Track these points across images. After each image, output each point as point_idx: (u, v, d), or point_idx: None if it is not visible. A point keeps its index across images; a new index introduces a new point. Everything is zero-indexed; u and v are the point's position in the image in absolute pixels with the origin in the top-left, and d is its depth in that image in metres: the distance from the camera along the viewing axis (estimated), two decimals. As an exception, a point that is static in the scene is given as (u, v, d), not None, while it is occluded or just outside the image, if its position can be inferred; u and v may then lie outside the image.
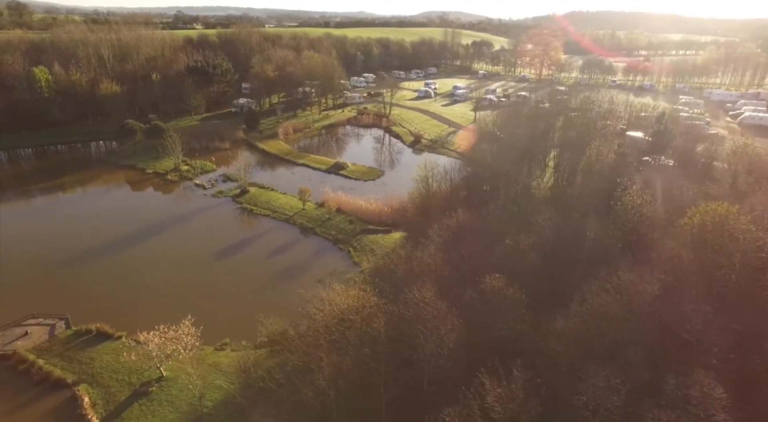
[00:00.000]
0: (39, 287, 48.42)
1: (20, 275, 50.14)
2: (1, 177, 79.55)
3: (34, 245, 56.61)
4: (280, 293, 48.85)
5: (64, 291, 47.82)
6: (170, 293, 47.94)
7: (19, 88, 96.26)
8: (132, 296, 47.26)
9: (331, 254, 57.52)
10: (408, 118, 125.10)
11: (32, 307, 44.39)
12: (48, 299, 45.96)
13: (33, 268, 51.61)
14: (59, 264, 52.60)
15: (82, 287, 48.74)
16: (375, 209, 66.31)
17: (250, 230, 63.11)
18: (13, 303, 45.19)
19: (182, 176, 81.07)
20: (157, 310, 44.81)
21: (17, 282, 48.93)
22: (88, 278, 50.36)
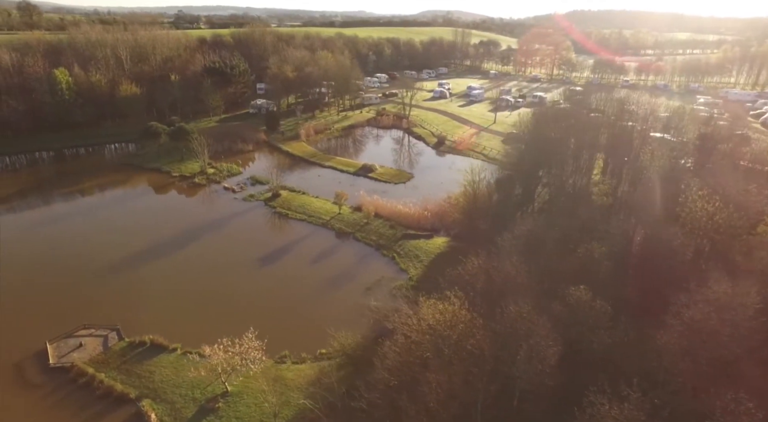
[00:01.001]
0: (83, 296, 47.17)
1: (63, 284, 48.90)
2: (27, 181, 78.11)
3: (70, 252, 55.35)
4: (331, 301, 47.73)
5: (108, 300, 46.55)
6: (217, 302, 46.69)
7: (40, 90, 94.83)
8: (179, 306, 46.08)
9: (375, 260, 56.33)
10: (427, 119, 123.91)
11: (79, 317, 43.23)
12: (94, 309, 44.80)
13: (74, 276, 50.35)
14: (100, 272, 51.29)
15: (126, 296, 47.47)
16: (413, 213, 65.19)
17: (287, 235, 61.86)
18: (61, 313, 44.05)
19: (209, 179, 79.83)
20: (207, 320, 43.85)
21: (61, 291, 47.71)
22: (131, 286, 49.08)
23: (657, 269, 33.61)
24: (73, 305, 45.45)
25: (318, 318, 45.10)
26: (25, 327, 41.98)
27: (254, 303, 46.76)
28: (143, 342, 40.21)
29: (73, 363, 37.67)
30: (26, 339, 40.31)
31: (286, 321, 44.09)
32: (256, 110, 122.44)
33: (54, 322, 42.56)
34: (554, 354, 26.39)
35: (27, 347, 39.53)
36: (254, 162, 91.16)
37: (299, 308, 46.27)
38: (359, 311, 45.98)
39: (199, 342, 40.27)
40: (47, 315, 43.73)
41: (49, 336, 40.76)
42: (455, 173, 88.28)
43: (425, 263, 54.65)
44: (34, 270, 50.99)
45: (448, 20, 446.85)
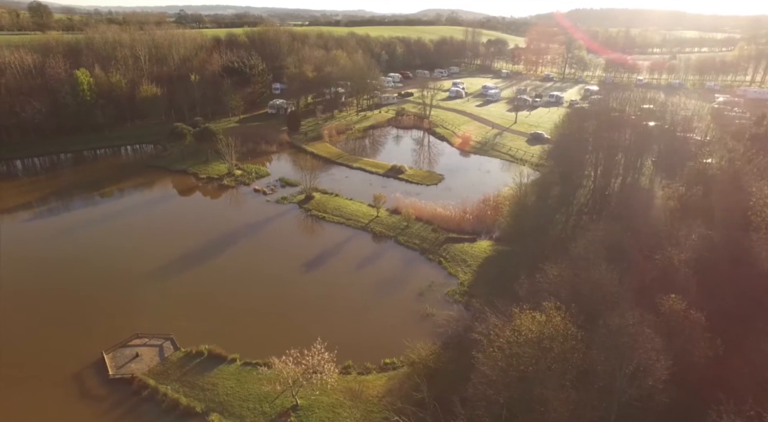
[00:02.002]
0: (129, 303, 45.85)
1: (107, 291, 47.59)
2: (54, 184, 76.59)
3: (109, 258, 53.91)
4: (384, 307, 46.49)
5: (156, 308, 45.25)
6: (267, 310, 45.49)
7: (62, 91, 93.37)
8: (228, 313, 44.75)
9: (421, 264, 55.05)
10: (447, 119, 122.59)
11: (129, 325, 41.96)
12: (142, 317, 43.58)
13: (117, 283, 49.02)
14: (142, 279, 49.95)
15: (173, 303, 46.15)
16: (453, 215, 63.98)
17: (327, 238, 60.50)
18: (110, 322, 42.79)
19: (238, 180, 78.49)
20: (259, 328, 42.70)
21: (107, 299, 46.41)
22: (176, 293, 47.78)
23: (746, 276, 32.36)
24: (122, 313, 44.16)
25: (374, 325, 43.97)
26: (78, 336, 40.72)
27: (306, 310, 45.48)
28: (200, 353, 38.90)
29: (134, 374, 36.38)
30: (81, 348, 39.04)
31: (342, 329, 42.71)
32: (274, 111, 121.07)
33: (105, 331, 41.27)
34: (664, 369, 25.14)
35: (83, 357, 38.26)
36: (280, 163, 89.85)
37: (353, 315, 45.03)
38: (415, 318, 44.96)
39: (256, 351, 39.22)
40: (97, 324, 42.46)
41: (102, 345, 39.47)
42: (485, 175, 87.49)
43: (473, 268, 53.39)
44: (76, 277, 49.65)
45: (453, 19, 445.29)
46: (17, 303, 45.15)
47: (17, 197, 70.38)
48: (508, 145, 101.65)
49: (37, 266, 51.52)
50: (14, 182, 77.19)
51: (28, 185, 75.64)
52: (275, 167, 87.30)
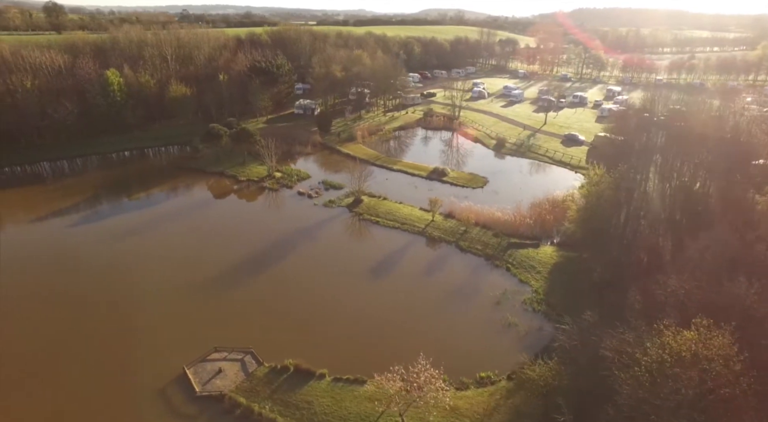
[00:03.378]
0: (199, 313, 43.84)
1: (173, 301, 45.60)
2: (91, 187, 74.30)
3: (166, 266, 51.94)
4: (463, 316, 44.62)
5: (226, 318, 43.27)
6: (341, 320, 43.53)
7: (92, 92, 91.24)
8: (302, 324, 42.83)
9: (489, 271, 53.13)
10: (475, 120, 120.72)
11: (202, 337, 40.03)
12: (215, 328, 41.66)
13: (181, 292, 47.02)
14: (205, 288, 47.97)
15: (243, 314, 44.20)
16: (511, 220, 62.10)
17: (386, 244, 58.45)
18: (184, 333, 40.88)
19: (279, 183, 76.45)
20: (338, 340, 40.87)
21: (175, 309, 44.41)
22: (244, 303, 45.80)
23: None
24: (193, 324, 42.22)
25: (457, 335, 42.04)
26: (154, 350, 38.73)
27: (382, 320, 43.55)
28: (285, 368, 36.91)
29: (222, 391, 34.37)
30: (160, 362, 37.10)
31: (425, 340, 40.71)
32: (301, 111, 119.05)
33: (180, 344, 39.34)
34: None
35: (164, 372, 36.32)
36: (317, 165, 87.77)
37: (433, 325, 43.10)
38: (498, 328, 43.17)
39: (342, 365, 37.43)
40: (171, 337, 40.48)
41: (181, 359, 37.52)
42: (527, 177, 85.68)
43: (543, 275, 51.52)
44: (139, 287, 47.54)
45: (459, 19, 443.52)
46: (86, 314, 43.16)
47: (58, 201, 68.23)
48: (543, 146, 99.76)
49: (95, 276, 49.45)
50: (51, 185, 75.01)
51: (66, 188, 73.42)
52: (313, 168, 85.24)
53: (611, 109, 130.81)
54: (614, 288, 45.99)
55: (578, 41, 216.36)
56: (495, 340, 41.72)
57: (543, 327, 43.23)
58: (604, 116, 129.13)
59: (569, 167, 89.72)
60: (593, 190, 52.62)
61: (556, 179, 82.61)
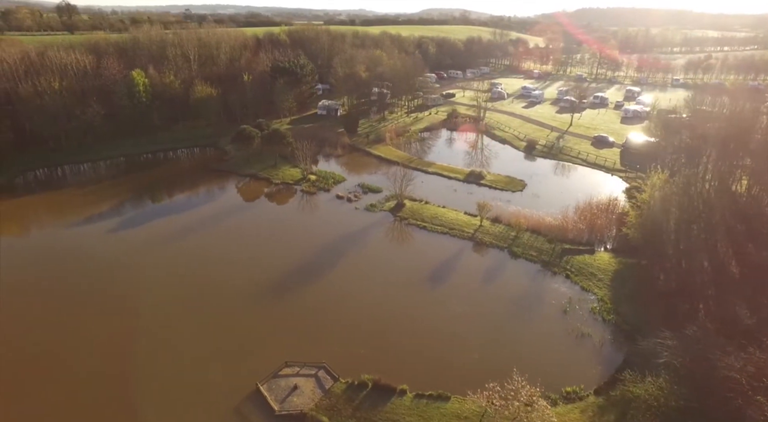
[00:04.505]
0: (262, 325, 42.26)
1: (231, 312, 43.95)
2: (122, 190, 72.64)
3: (215, 273, 50.30)
4: (532, 326, 43.06)
5: (291, 330, 41.66)
6: (407, 330, 41.84)
7: (118, 93, 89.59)
8: (368, 335, 41.23)
9: (548, 278, 51.49)
10: (500, 121, 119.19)
11: (269, 350, 38.45)
12: (280, 341, 40.09)
13: (238, 303, 45.40)
14: (262, 297, 46.42)
15: (307, 324, 42.52)
16: (562, 225, 60.43)
17: (437, 250, 56.76)
18: (248, 346, 39.28)
19: (316, 186, 74.79)
20: (409, 352, 39.29)
21: (236, 321, 42.76)
22: (304, 312, 44.17)
23: None
24: (257, 336, 40.64)
25: (530, 346, 40.53)
26: (222, 365, 37.06)
27: (449, 331, 41.91)
28: (363, 383, 35.27)
29: (302, 410, 32.77)
30: (230, 378, 35.50)
31: (498, 352, 39.28)
32: (324, 111, 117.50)
33: (248, 357, 37.81)
34: None
35: (236, 388, 34.71)
36: (350, 167, 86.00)
37: (503, 336, 41.55)
38: (571, 339, 41.67)
39: (419, 380, 35.80)
40: (237, 349, 38.87)
41: (250, 373, 35.91)
42: (565, 179, 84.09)
43: (606, 283, 49.91)
44: (194, 298, 45.89)
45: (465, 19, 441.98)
46: (144, 326, 41.50)
47: (93, 205, 66.66)
48: (574, 148, 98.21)
49: (147, 287, 47.73)
50: (84, 188, 73.19)
51: (99, 192, 71.77)
52: (346, 171, 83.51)
53: (636, 110, 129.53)
54: (683, 298, 44.57)
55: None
56: (571, 352, 40.14)
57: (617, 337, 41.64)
58: (628, 117, 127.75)
59: (604, 169, 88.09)
60: (657, 195, 50.96)
61: (595, 182, 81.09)
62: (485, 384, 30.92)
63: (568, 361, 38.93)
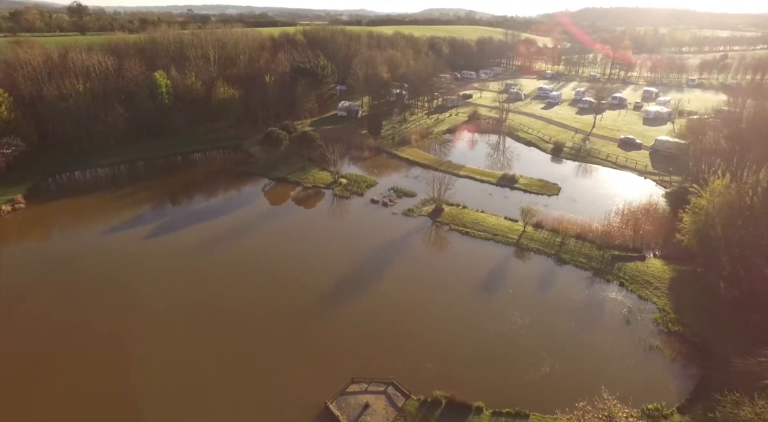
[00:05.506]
0: (318, 339, 40.70)
1: (287, 325, 42.48)
2: (150, 195, 71.25)
3: (263, 283, 48.83)
4: (598, 337, 41.50)
5: (350, 344, 40.12)
6: (472, 343, 40.28)
7: (141, 94, 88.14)
8: (430, 348, 39.63)
9: (602, 286, 50.01)
10: (522, 122, 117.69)
11: (331, 365, 37.02)
12: (342, 355, 38.54)
13: (291, 314, 43.91)
14: (315, 308, 44.89)
15: (366, 338, 41.05)
16: (608, 230, 58.92)
17: (483, 257, 55.26)
18: (309, 362, 37.76)
19: (348, 190, 73.30)
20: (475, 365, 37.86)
21: (291, 334, 41.30)
22: (360, 325, 42.69)
23: None
24: (315, 350, 39.12)
25: (597, 359, 39.07)
26: (286, 381, 35.63)
27: (513, 343, 40.47)
28: (437, 401, 33.81)
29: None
30: (295, 395, 34.09)
31: (571, 366, 37.79)
32: (344, 113, 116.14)
33: (311, 373, 36.33)
34: None
35: (304, 406, 33.27)
36: (378, 170, 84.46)
37: (569, 348, 40.01)
38: (639, 351, 40.25)
39: (493, 396, 34.30)
40: (298, 366, 37.38)
41: (315, 390, 34.49)
42: (598, 183, 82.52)
43: (664, 291, 48.46)
44: (245, 309, 44.43)
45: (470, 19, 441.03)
46: (199, 339, 40.05)
47: (124, 209, 65.26)
48: (602, 150, 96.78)
49: (195, 297, 46.32)
50: (113, 193, 71.54)
51: (128, 196, 70.28)
52: (375, 174, 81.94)
53: (657, 111, 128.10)
54: (752, 310, 43.09)
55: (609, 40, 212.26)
56: (642, 365, 38.64)
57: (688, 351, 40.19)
58: (650, 118, 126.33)
59: (636, 172, 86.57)
60: (717, 201, 49.43)
61: (628, 186, 79.75)
62: (575, 403, 29.34)
63: (642, 375, 37.45)
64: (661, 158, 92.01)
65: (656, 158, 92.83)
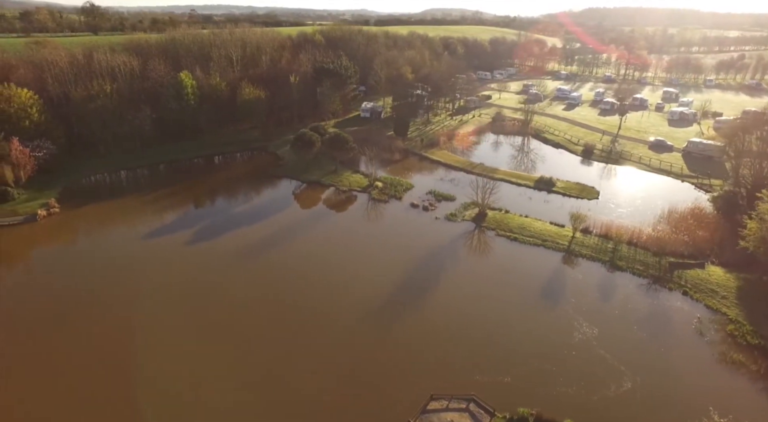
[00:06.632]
0: (383, 352, 39.13)
1: (347, 337, 40.87)
2: (186, 197, 69.79)
3: (314, 292, 47.21)
4: (675, 351, 39.80)
5: (420, 357, 38.51)
6: (544, 355, 38.62)
7: (166, 95, 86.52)
8: (503, 361, 37.96)
9: (664, 295, 48.37)
10: (547, 124, 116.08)
11: (405, 380, 35.41)
12: (413, 369, 36.95)
13: (352, 326, 42.31)
14: (373, 317, 43.34)
15: (430, 351, 39.42)
16: (662, 236, 57.28)
17: (537, 264, 53.59)
18: (380, 376, 36.17)
19: (385, 193, 71.66)
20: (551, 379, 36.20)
21: (353, 346, 39.69)
22: (422, 337, 41.05)
23: None
24: (385, 364, 37.53)
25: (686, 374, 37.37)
26: (363, 396, 34.01)
27: (588, 355, 38.86)
28: (523, 418, 32.22)
29: (469, 453, 29.71)
30: (380, 414, 32.38)
31: (654, 381, 36.15)
32: (367, 114, 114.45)
33: (387, 388, 34.70)
34: None
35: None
36: (412, 173, 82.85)
37: (651, 361, 38.36)
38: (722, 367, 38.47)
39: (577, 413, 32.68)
40: (372, 380, 35.76)
41: (394, 406, 32.91)
42: (636, 186, 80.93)
43: (732, 301, 46.87)
44: (303, 321, 42.81)
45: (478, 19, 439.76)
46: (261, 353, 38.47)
47: (161, 213, 63.92)
48: (633, 153, 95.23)
49: (247, 306, 44.79)
50: (146, 196, 69.84)
51: (162, 199, 68.65)
52: (410, 177, 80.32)
53: (682, 112, 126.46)
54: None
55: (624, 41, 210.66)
56: (732, 381, 36.92)
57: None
58: (674, 119, 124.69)
59: (672, 175, 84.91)
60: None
61: (667, 189, 78.19)
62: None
63: (735, 393, 35.72)
64: (695, 161, 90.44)
65: (690, 160, 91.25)
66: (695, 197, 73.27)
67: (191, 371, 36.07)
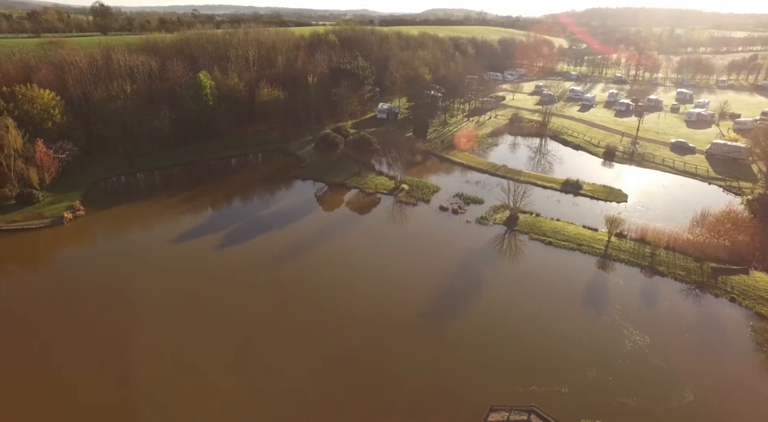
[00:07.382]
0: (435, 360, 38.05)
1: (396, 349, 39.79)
2: (210, 200, 68.77)
3: (350, 301, 46.14)
4: (732, 364, 38.72)
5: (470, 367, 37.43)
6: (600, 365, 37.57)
7: (185, 96, 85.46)
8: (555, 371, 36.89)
9: (712, 302, 47.34)
10: (564, 125, 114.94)
11: (457, 392, 34.40)
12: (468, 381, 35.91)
13: (396, 335, 41.26)
14: (418, 326, 42.26)
15: (483, 360, 38.35)
16: (701, 241, 56.20)
17: (575, 269, 52.47)
18: (437, 388, 35.08)
19: (413, 196, 70.57)
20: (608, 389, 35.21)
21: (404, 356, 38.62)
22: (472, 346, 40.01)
23: None
24: (436, 374, 36.42)
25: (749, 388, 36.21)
26: (419, 410, 32.91)
27: (643, 365, 37.78)
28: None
29: (539, 468, 28.65)
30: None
31: (717, 394, 35.06)
32: (384, 115, 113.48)
33: (444, 400, 33.64)
34: None
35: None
36: (436, 175, 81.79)
37: (710, 372, 37.33)
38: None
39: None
40: (429, 391, 34.69)
41: (454, 418, 31.86)
42: (664, 189, 79.74)
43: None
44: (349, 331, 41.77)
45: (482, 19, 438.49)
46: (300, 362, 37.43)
47: (186, 216, 62.99)
48: (656, 155, 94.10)
49: (285, 314, 43.77)
50: (170, 198, 68.97)
51: (187, 201, 67.71)
52: (434, 179, 79.19)
53: (700, 113, 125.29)
54: None
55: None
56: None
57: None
58: (692, 121, 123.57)
59: (699, 177, 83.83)
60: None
61: (695, 192, 77.35)
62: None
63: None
64: (720, 163, 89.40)
65: (715, 162, 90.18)
66: (726, 200, 72.15)
67: (227, 382, 35.03)
